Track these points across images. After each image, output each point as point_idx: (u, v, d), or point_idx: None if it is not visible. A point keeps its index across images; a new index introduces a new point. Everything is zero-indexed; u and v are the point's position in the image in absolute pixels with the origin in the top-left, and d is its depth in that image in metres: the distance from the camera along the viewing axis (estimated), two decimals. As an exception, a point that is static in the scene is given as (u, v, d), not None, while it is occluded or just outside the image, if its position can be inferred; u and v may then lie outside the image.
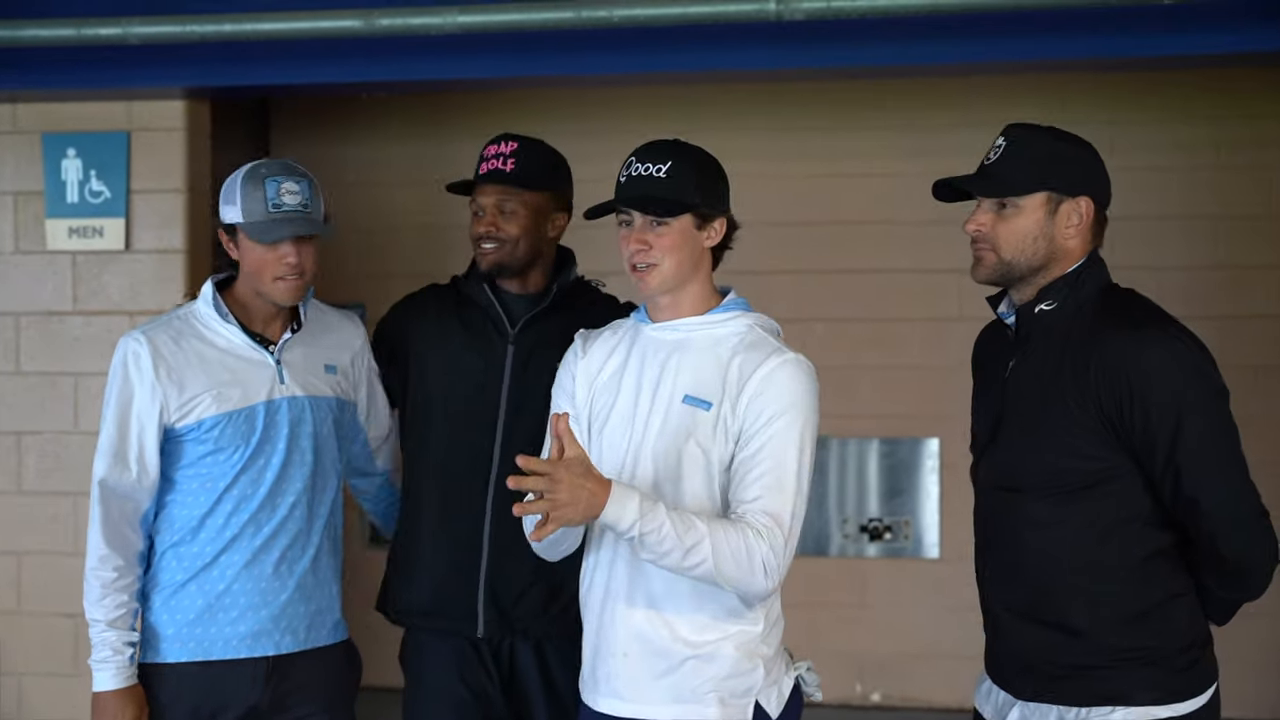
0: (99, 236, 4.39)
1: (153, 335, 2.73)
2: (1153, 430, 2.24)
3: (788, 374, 2.32)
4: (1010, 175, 2.34)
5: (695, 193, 2.36)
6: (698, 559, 2.21)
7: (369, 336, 3.01)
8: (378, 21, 3.68)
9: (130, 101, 4.35)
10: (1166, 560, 2.32)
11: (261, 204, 2.67)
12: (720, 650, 2.33)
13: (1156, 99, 4.82)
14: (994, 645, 2.46)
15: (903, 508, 5.06)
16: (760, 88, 4.94)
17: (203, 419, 2.70)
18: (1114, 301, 2.36)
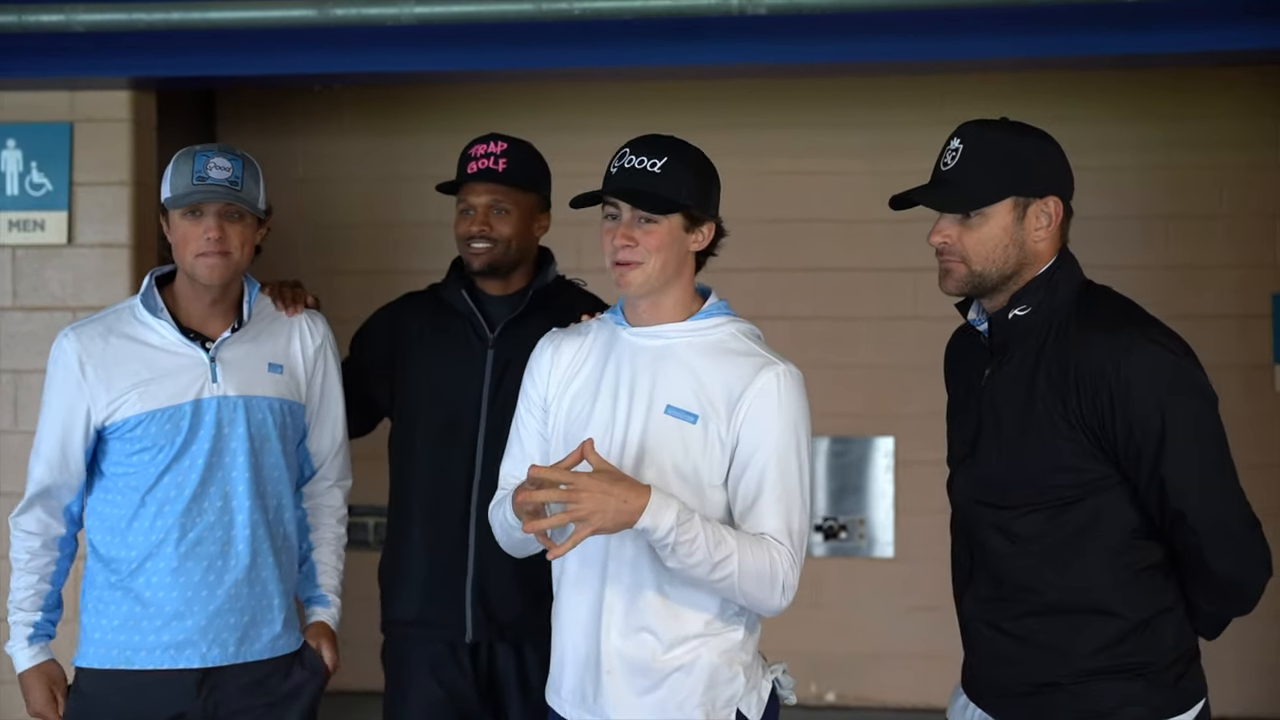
0: (40, 230, 4.27)
1: (81, 332, 2.67)
2: (1136, 442, 2.14)
3: (781, 387, 2.26)
4: (972, 183, 2.21)
5: (689, 193, 2.26)
6: (724, 573, 2.19)
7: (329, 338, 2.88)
8: (332, 11, 3.59)
9: (73, 91, 4.23)
10: (1155, 574, 2.23)
11: (187, 177, 2.58)
12: (701, 659, 2.28)
13: (1111, 98, 4.84)
14: (972, 661, 2.38)
15: (856, 507, 5.05)
16: (717, 84, 4.91)
17: (127, 417, 2.62)
18: (1091, 303, 2.25)
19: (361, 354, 3.07)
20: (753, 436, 2.25)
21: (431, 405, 2.92)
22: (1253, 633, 4.57)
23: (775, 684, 2.39)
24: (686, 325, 2.32)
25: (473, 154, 2.92)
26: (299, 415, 2.79)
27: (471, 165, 2.91)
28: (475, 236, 2.88)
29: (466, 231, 2.90)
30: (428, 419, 2.93)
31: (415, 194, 5.05)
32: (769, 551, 2.21)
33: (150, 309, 2.66)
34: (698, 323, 2.32)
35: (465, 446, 2.88)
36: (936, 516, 4.02)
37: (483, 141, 2.93)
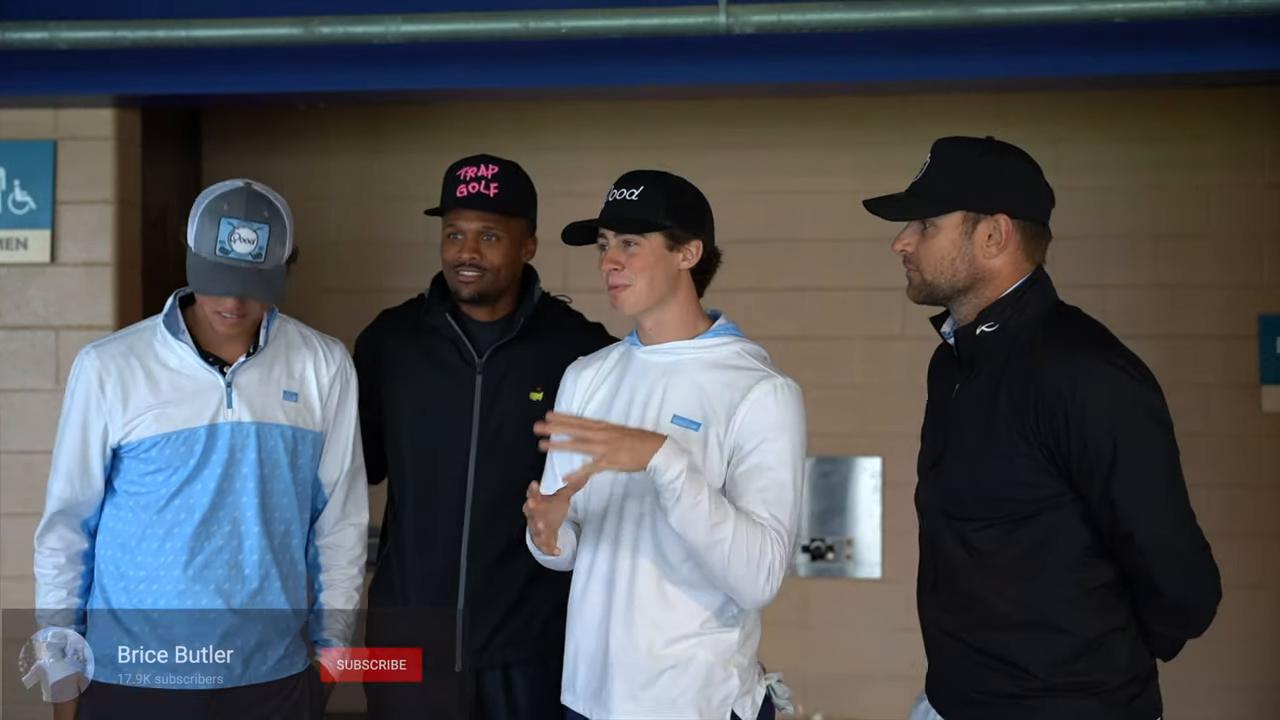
0: (23, 249, 4.25)
1: (103, 351, 2.69)
2: (1089, 462, 2.18)
3: (778, 397, 2.42)
4: (925, 195, 2.30)
5: (665, 214, 2.45)
6: (719, 536, 2.29)
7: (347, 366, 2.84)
8: (318, 29, 3.59)
9: (57, 109, 4.22)
10: (1109, 592, 2.25)
11: (211, 243, 2.55)
12: (696, 656, 2.40)
13: (1098, 119, 4.85)
14: (933, 668, 2.42)
15: (844, 527, 5.03)
16: (702, 104, 4.92)
17: (143, 438, 2.64)
18: (1056, 324, 2.28)
19: None
20: (749, 440, 2.40)
21: (420, 431, 2.89)
22: (1225, 652, 4.58)
23: (771, 691, 2.50)
24: (694, 343, 2.49)
25: (462, 176, 2.86)
26: (311, 443, 2.76)
27: (461, 189, 2.84)
28: (465, 264, 2.82)
29: (456, 258, 2.84)
30: (417, 445, 2.89)
31: (401, 213, 5.04)
32: (764, 533, 2.33)
33: (172, 330, 2.67)
34: (705, 340, 2.49)
35: (456, 473, 2.85)
36: (924, 537, 4.00)
37: (472, 164, 2.87)
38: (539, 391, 2.88)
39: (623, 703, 2.42)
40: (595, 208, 2.55)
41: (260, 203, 2.60)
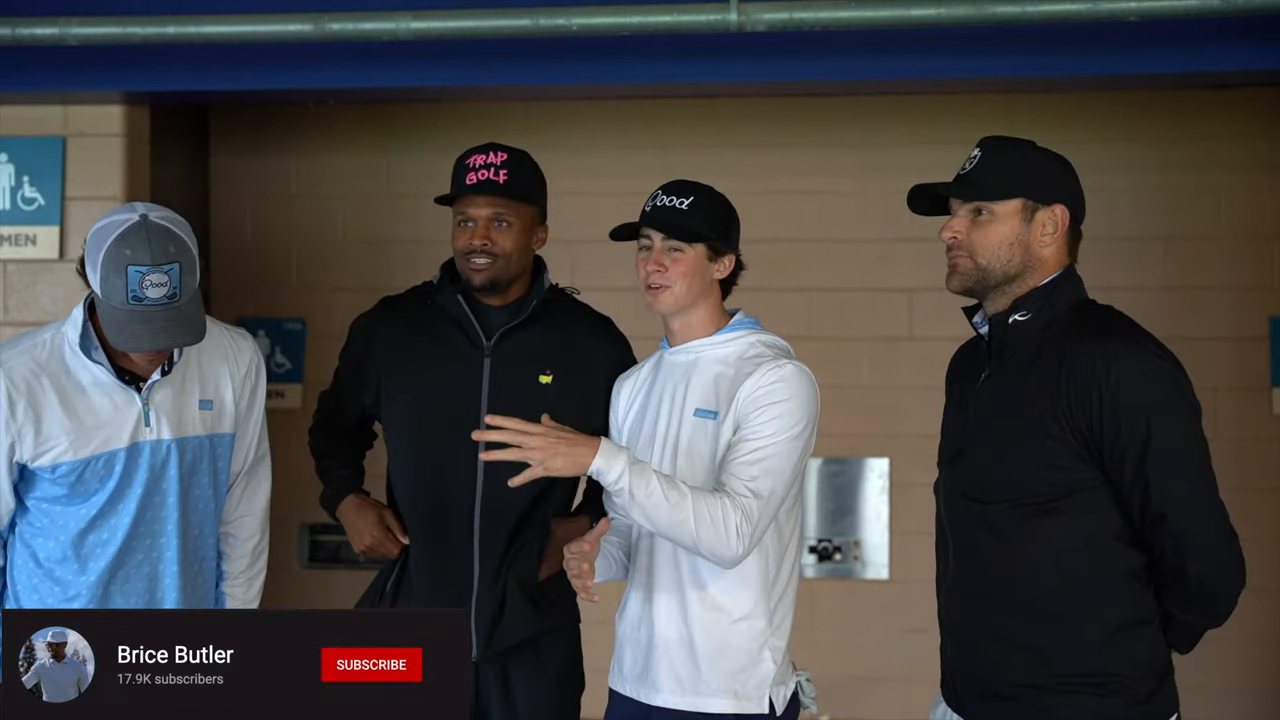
0: (31, 245, 4.25)
1: (10, 368, 2.52)
2: (1122, 441, 2.21)
3: (783, 375, 2.53)
4: (987, 181, 2.34)
5: (711, 227, 2.61)
6: (680, 515, 2.39)
7: (257, 361, 2.80)
8: (328, 26, 3.59)
9: (66, 106, 4.22)
10: (1133, 581, 2.28)
11: (121, 293, 2.39)
12: (731, 643, 2.54)
13: (1106, 119, 4.84)
14: (950, 663, 2.43)
15: (851, 528, 5.02)
16: (709, 103, 4.91)
17: (58, 463, 2.53)
18: (1089, 315, 2.35)
19: (347, 371, 3.02)
20: (746, 415, 2.51)
21: (428, 417, 2.88)
22: (1232, 655, 4.57)
23: (799, 688, 2.62)
24: (712, 339, 2.63)
25: (471, 164, 2.85)
26: (227, 445, 2.72)
27: (470, 176, 2.83)
28: (476, 251, 2.82)
29: (467, 245, 2.83)
30: (424, 431, 2.88)
31: (410, 211, 5.04)
32: (721, 500, 2.43)
33: (85, 349, 2.54)
34: (721, 336, 2.63)
35: (466, 460, 2.83)
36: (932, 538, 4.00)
37: (481, 151, 2.87)
38: (548, 375, 2.88)
39: (667, 685, 2.57)
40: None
41: (164, 239, 2.42)
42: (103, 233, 2.45)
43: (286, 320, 5.09)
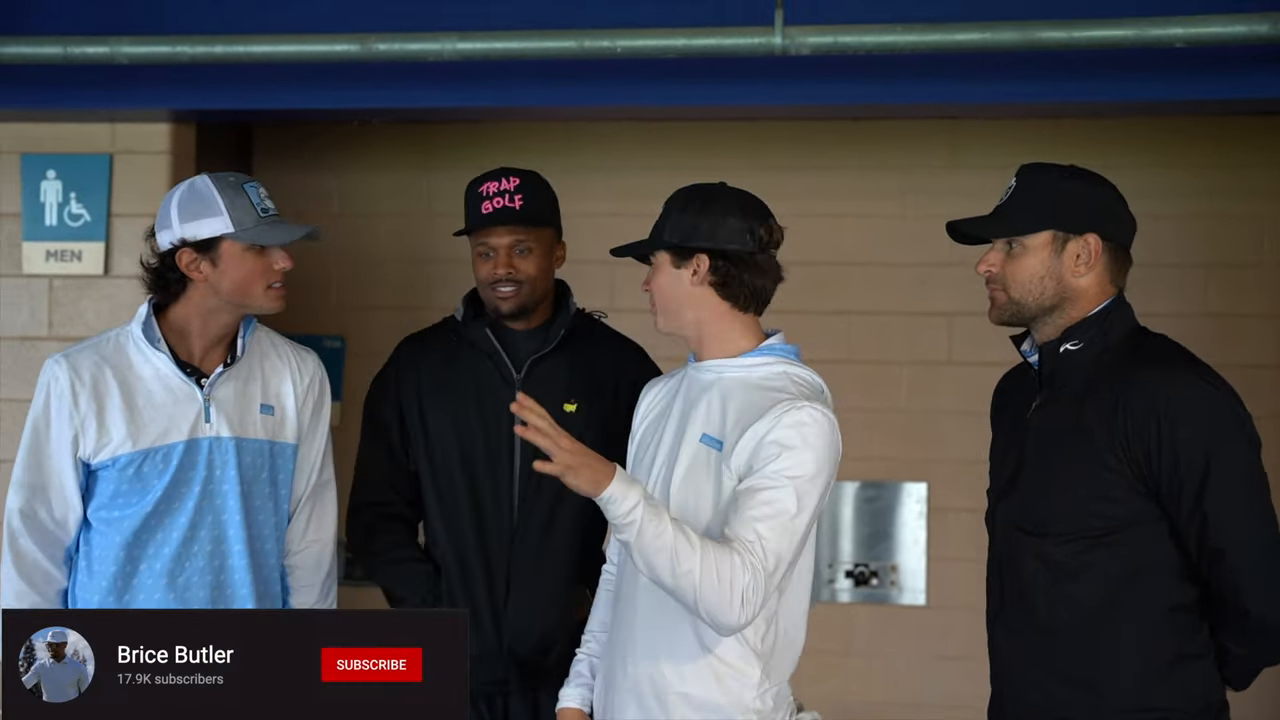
0: (77, 260, 4.29)
1: (75, 361, 2.57)
2: (1180, 475, 2.18)
3: (797, 419, 2.26)
4: (1016, 214, 2.33)
5: (671, 230, 2.40)
6: (686, 568, 2.17)
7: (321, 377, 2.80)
8: (374, 46, 3.61)
9: (114, 124, 4.26)
10: (1188, 615, 2.25)
11: (251, 211, 2.54)
12: (708, 699, 2.29)
13: (1148, 145, 4.82)
14: (1001, 696, 2.40)
15: (888, 553, 4.99)
16: (748, 126, 4.91)
17: (118, 455, 2.54)
18: (1145, 344, 2.32)
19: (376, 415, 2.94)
20: (755, 461, 2.26)
21: (462, 458, 2.84)
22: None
23: None
24: (736, 361, 2.41)
25: (485, 192, 2.82)
26: (289, 457, 2.71)
27: (486, 205, 2.81)
28: (501, 280, 2.80)
29: (491, 275, 2.82)
30: (459, 472, 2.84)
31: (449, 230, 5.00)
32: (733, 559, 2.18)
33: (149, 339, 2.58)
34: (746, 359, 2.40)
35: (502, 497, 2.82)
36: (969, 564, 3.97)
37: (493, 179, 2.84)
38: (572, 403, 2.86)
39: None
40: (644, 227, 2.54)
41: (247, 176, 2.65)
42: (192, 188, 2.59)
43: (326, 338, 5.12)
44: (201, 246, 2.55)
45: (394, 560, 2.89)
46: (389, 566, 2.90)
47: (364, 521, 2.92)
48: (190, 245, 2.56)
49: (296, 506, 2.75)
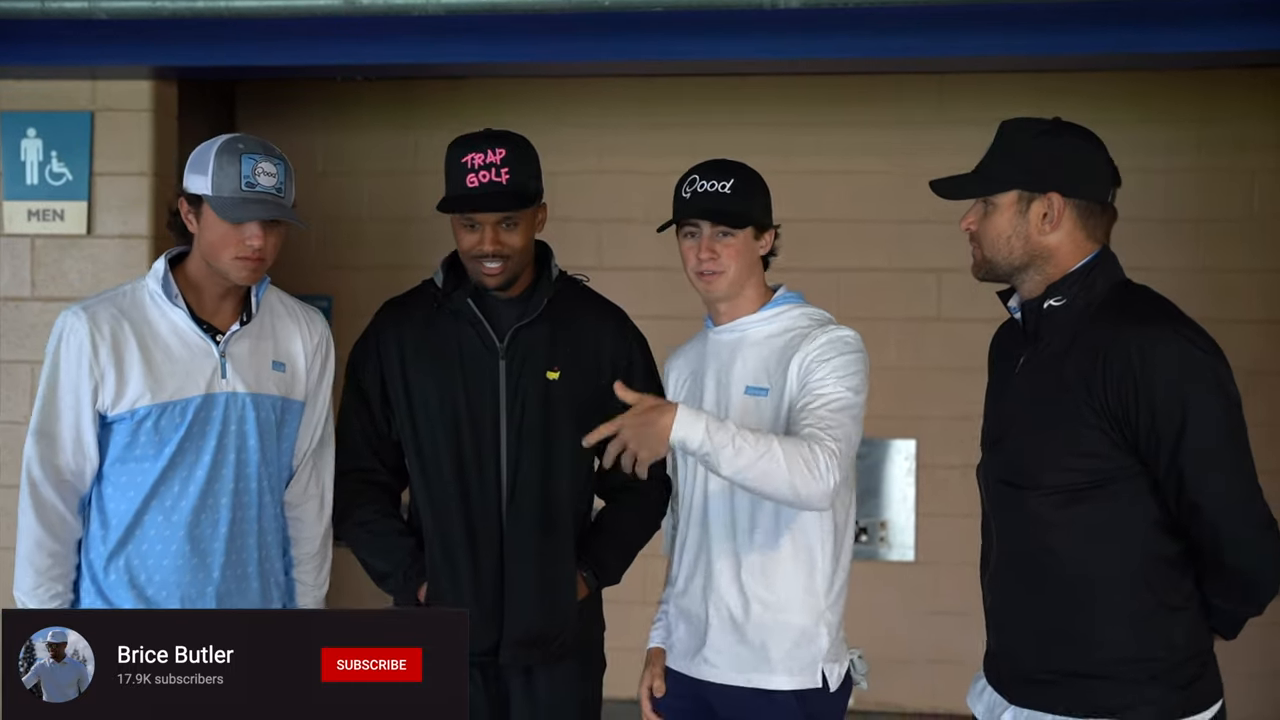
0: (59, 220, 4.25)
1: (94, 312, 2.57)
2: (1157, 429, 2.18)
3: (830, 339, 2.56)
4: (988, 174, 2.33)
5: (757, 208, 2.63)
6: (771, 464, 2.35)
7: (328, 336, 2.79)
8: (359, 1, 3.57)
9: (95, 81, 4.22)
10: (1171, 567, 2.26)
11: (234, 180, 2.53)
12: (787, 620, 2.55)
13: (1136, 100, 4.80)
14: (992, 645, 2.42)
15: (878, 510, 5.00)
16: (736, 81, 4.88)
17: (135, 408, 2.55)
18: (1126, 298, 2.30)
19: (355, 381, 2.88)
20: (804, 371, 2.52)
21: (447, 427, 2.79)
22: (1276, 641, 4.54)
23: (851, 665, 2.66)
24: (757, 315, 2.64)
25: (469, 163, 2.71)
26: (297, 414, 2.72)
27: (471, 179, 2.70)
28: (488, 255, 2.71)
29: (477, 249, 2.72)
30: (445, 441, 2.79)
31: (434, 188, 4.94)
32: (808, 442, 2.40)
33: (167, 294, 2.59)
34: (766, 312, 2.64)
35: (489, 466, 2.77)
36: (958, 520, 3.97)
37: (478, 150, 2.72)
38: (555, 371, 2.82)
39: (721, 662, 2.57)
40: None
41: (271, 145, 2.62)
42: (213, 142, 2.59)
43: (313, 298, 5.08)
44: (192, 200, 2.59)
45: (377, 532, 2.85)
46: (371, 538, 2.85)
47: (346, 488, 2.87)
48: (185, 196, 2.60)
49: (301, 461, 2.77)
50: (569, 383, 2.82)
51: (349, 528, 2.88)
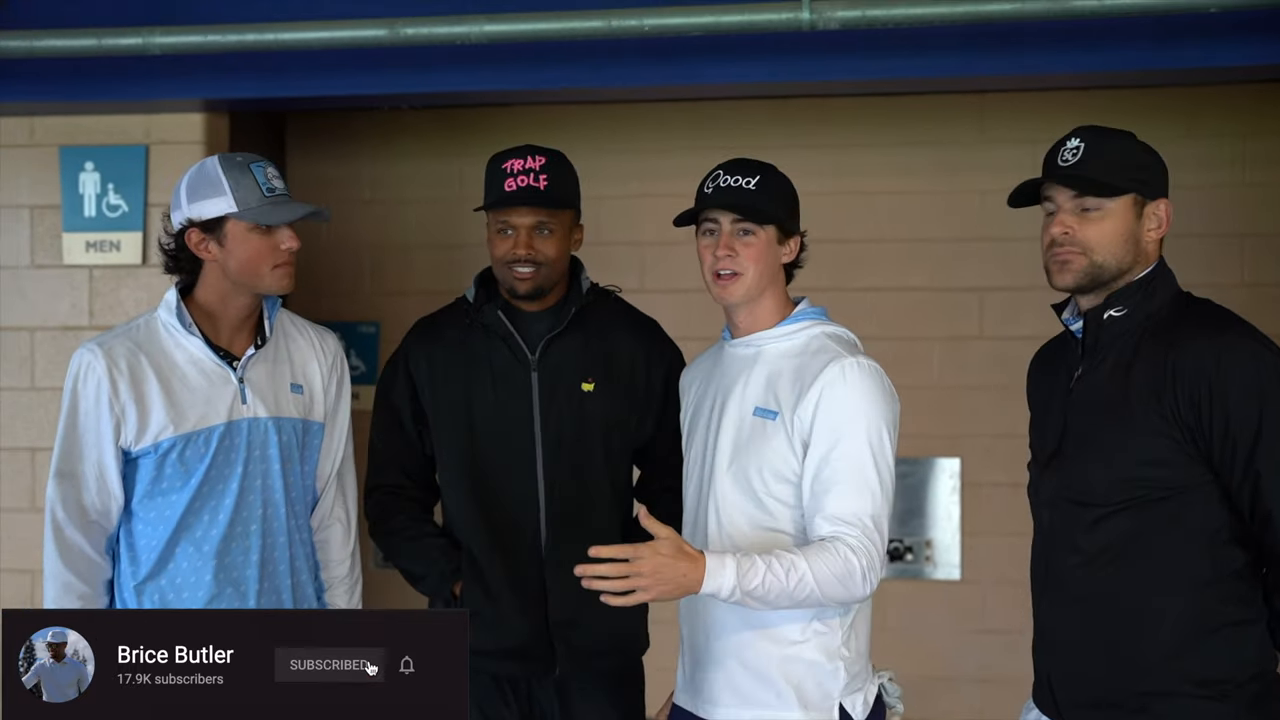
0: (116, 250, 4.35)
1: (110, 348, 2.55)
2: (1232, 435, 2.16)
3: (848, 377, 2.34)
4: (1101, 175, 2.29)
5: (781, 208, 2.45)
6: (804, 594, 2.26)
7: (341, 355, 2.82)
8: (402, 30, 3.64)
9: (149, 115, 4.32)
10: (1240, 581, 2.22)
11: (256, 189, 2.52)
12: (802, 654, 2.37)
13: (1181, 115, 4.79)
14: (1048, 670, 2.36)
15: (923, 529, 5.00)
16: (781, 104, 4.91)
17: (159, 441, 2.54)
18: (1192, 307, 2.31)
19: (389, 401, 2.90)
20: (822, 432, 2.34)
21: (481, 443, 2.81)
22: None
23: (882, 689, 2.46)
24: (774, 331, 2.47)
25: (509, 169, 2.77)
26: (317, 435, 2.72)
27: (510, 183, 2.76)
28: (521, 260, 2.75)
29: (510, 254, 2.77)
30: (480, 457, 2.81)
31: (479, 215, 5.07)
32: (838, 552, 2.28)
33: (181, 324, 2.58)
34: (785, 328, 2.46)
35: (526, 481, 2.79)
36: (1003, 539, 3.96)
37: (518, 156, 2.78)
38: (589, 382, 2.83)
39: (726, 699, 2.41)
40: (674, 207, 2.53)
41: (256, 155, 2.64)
42: (201, 169, 2.58)
43: (360, 324, 5.16)
44: (208, 227, 2.55)
45: (411, 537, 2.86)
46: (406, 544, 2.87)
47: (378, 502, 2.90)
48: (197, 225, 2.56)
49: (325, 483, 2.77)
50: (604, 393, 2.83)
51: (382, 538, 2.91)
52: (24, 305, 4.39)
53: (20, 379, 4.39)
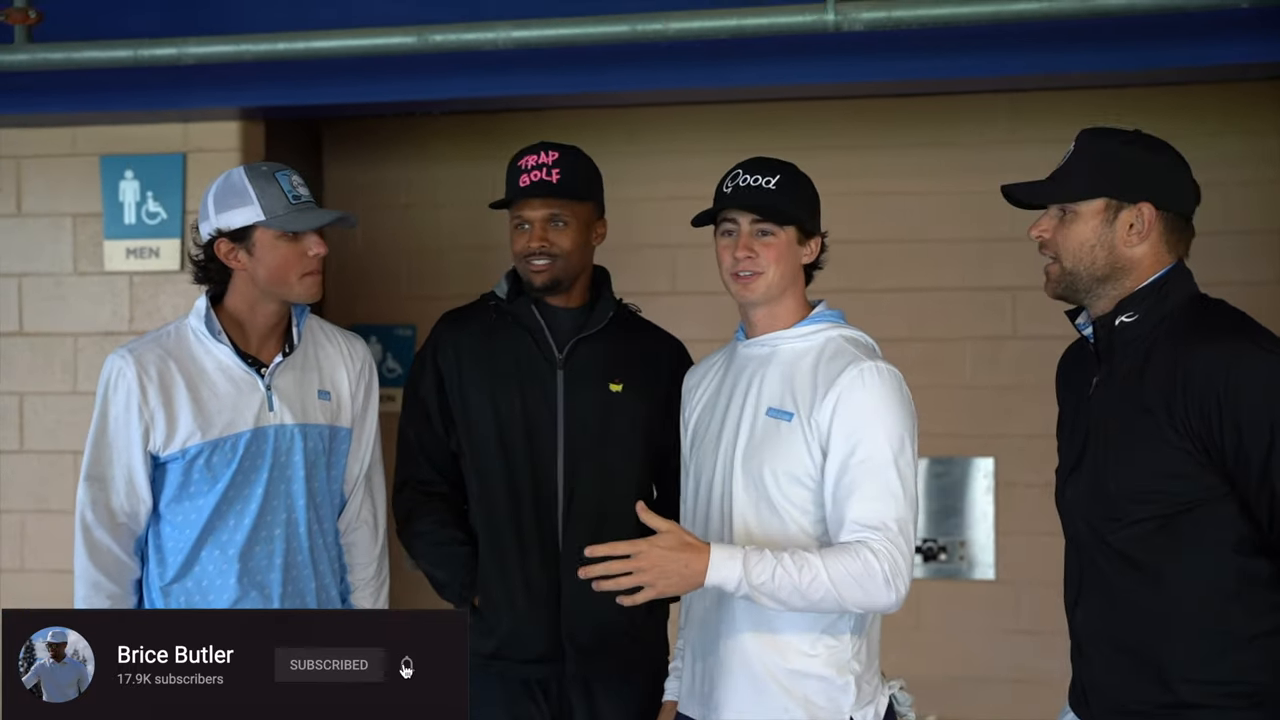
0: (155, 257, 4.42)
1: (140, 354, 2.60)
2: (1245, 449, 2.12)
3: (866, 382, 2.33)
4: (1069, 180, 2.27)
5: (802, 208, 2.43)
6: (819, 594, 2.22)
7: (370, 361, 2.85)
8: (431, 37, 3.68)
9: (186, 124, 4.38)
10: (1267, 589, 2.18)
11: (281, 198, 2.57)
12: (808, 668, 2.34)
13: (1215, 112, 4.75)
14: (1081, 677, 2.35)
15: (957, 528, 4.99)
16: (807, 106, 4.92)
17: (187, 447, 2.58)
18: (1203, 313, 2.24)
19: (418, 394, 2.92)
20: (841, 436, 2.32)
21: (503, 438, 2.83)
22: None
23: (893, 699, 2.43)
24: (790, 332, 2.45)
25: (523, 166, 2.83)
26: (345, 440, 2.76)
27: (523, 178, 2.82)
28: (535, 253, 2.79)
29: (525, 248, 2.81)
30: (499, 451, 2.83)
31: (509, 217, 5.13)
32: (860, 555, 2.25)
33: (210, 331, 2.62)
34: (801, 329, 2.45)
35: (547, 476, 2.81)
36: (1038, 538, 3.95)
37: (532, 152, 2.84)
38: (618, 383, 2.86)
39: (735, 704, 2.38)
40: (702, 208, 2.53)
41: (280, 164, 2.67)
42: (227, 180, 2.62)
43: (397, 327, 5.21)
44: (236, 236, 2.60)
45: (435, 542, 2.88)
46: (430, 548, 2.89)
47: (406, 500, 2.92)
48: (225, 235, 2.61)
49: (353, 488, 2.81)
50: (631, 394, 2.86)
51: (409, 538, 2.93)
52: (66, 312, 4.47)
53: (63, 384, 4.47)
